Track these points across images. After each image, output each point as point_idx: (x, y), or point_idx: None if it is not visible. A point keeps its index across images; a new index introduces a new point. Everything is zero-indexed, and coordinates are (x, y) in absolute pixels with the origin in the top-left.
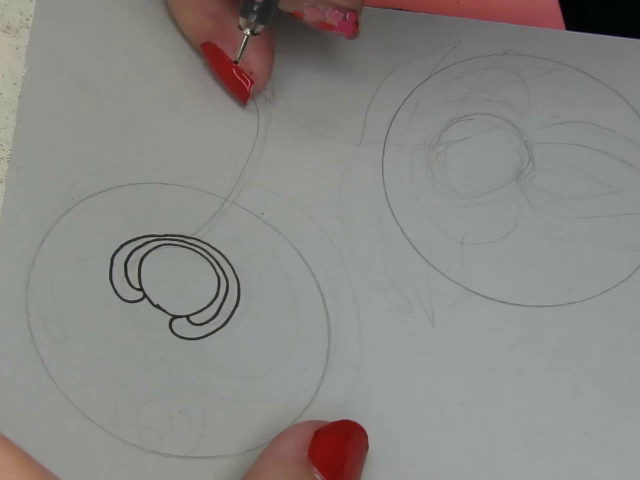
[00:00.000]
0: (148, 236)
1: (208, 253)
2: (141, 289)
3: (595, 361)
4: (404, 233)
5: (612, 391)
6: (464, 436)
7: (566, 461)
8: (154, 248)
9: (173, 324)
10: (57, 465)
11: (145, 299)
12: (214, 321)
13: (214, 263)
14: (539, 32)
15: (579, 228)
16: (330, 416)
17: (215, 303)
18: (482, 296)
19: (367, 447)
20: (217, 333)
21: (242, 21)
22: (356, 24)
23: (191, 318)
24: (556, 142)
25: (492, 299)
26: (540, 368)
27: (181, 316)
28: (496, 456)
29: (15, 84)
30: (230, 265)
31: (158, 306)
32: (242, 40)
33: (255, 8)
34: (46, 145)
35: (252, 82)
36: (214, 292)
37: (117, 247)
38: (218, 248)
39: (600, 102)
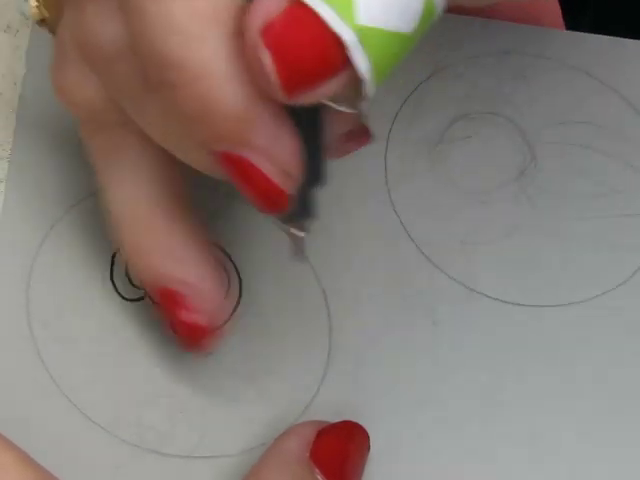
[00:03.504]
0: None
1: None
2: (142, 288)
3: (596, 361)
4: (406, 231)
5: (613, 391)
6: (464, 436)
7: (566, 461)
8: None
9: None
10: (57, 465)
11: (146, 298)
12: None
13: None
14: (541, 31)
15: (580, 228)
16: (331, 416)
17: None
18: (483, 295)
19: (369, 448)
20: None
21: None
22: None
23: None
24: (558, 142)
25: (493, 298)
26: (541, 368)
27: None
28: (496, 456)
29: (15, 84)
30: (232, 263)
31: None
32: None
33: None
34: (46, 144)
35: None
36: None
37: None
38: (219, 246)
39: (602, 102)
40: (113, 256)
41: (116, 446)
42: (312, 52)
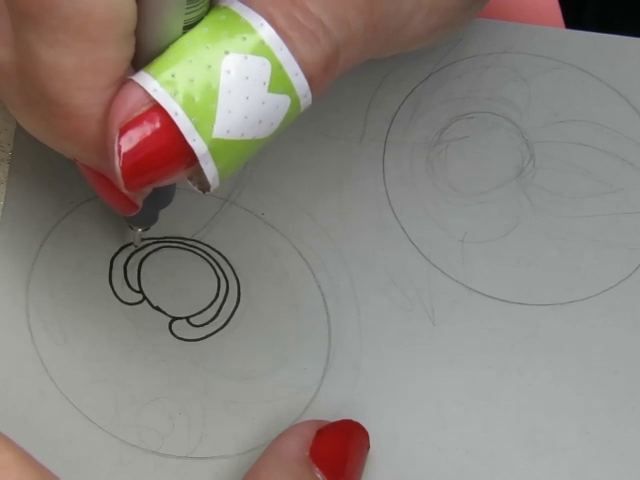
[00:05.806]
0: (147, 239)
1: (208, 254)
2: (141, 291)
3: (595, 360)
4: (405, 231)
5: (612, 390)
6: (464, 436)
7: (566, 461)
8: (153, 251)
9: (173, 326)
10: (57, 465)
11: (145, 301)
12: (214, 322)
13: (214, 264)
14: (539, 30)
15: (579, 227)
16: (331, 416)
17: (215, 304)
18: (483, 294)
19: (368, 447)
20: (217, 334)
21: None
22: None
23: (191, 319)
24: (557, 140)
25: (493, 297)
26: (540, 367)
27: (181, 318)
28: (496, 456)
29: None
30: (230, 266)
31: (158, 308)
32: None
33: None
34: (46, 147)
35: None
36: (214, 293)
37: (116, 250)
38: (218, 249)
39: (600, 100)
40: (112, 260)
41: (116, 446)
42: (162, 158)
